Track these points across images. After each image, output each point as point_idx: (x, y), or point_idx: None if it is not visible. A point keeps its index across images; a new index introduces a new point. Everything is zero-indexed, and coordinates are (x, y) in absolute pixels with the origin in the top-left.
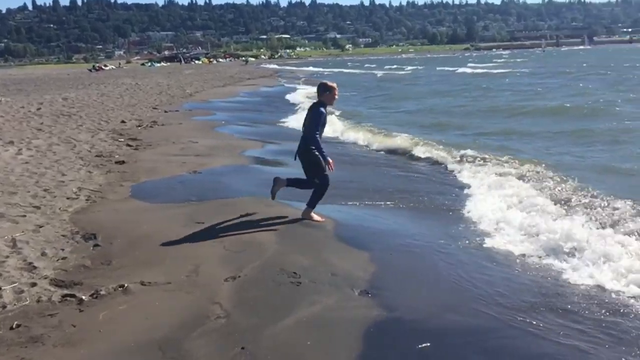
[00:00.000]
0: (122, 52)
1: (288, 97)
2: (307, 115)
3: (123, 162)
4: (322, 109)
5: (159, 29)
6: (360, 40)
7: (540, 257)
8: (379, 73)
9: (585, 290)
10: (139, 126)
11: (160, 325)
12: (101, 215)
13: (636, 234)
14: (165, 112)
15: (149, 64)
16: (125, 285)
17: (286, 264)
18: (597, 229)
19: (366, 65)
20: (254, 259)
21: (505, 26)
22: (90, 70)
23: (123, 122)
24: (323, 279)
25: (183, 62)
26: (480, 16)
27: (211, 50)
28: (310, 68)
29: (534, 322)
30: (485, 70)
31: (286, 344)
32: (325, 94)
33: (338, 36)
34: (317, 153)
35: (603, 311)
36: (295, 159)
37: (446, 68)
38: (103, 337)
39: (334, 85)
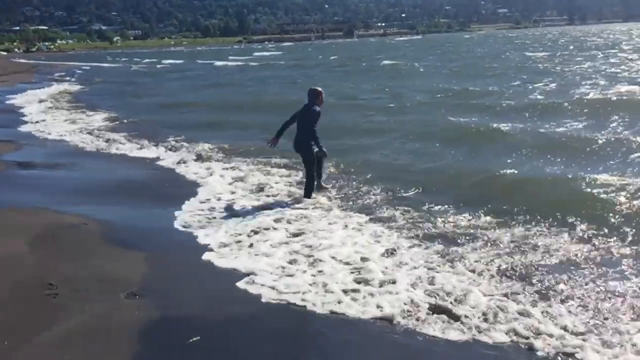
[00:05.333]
0: None
1: (46, 93)
2: (300, 114)
3: None
4: (318, 108)
5: None
6: (130, 32)
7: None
8: (134, 67)
9: None
10: None
11: None
12: None
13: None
14: None
15: None
16: None
17: (43, 276)
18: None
19: (124, 59)
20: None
21: (275, 19)
22: None
23: None
24: (88, 286)
25: None
26: (251, 9)
27: None
28: (70, 62)
29: (303, 303)
30: (243, 64)
31: None
32: (318, 98)
33: (104, 28)
34: (313, 148)
35: None
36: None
37: (207, 61)
38: None
39: (322, 90)
